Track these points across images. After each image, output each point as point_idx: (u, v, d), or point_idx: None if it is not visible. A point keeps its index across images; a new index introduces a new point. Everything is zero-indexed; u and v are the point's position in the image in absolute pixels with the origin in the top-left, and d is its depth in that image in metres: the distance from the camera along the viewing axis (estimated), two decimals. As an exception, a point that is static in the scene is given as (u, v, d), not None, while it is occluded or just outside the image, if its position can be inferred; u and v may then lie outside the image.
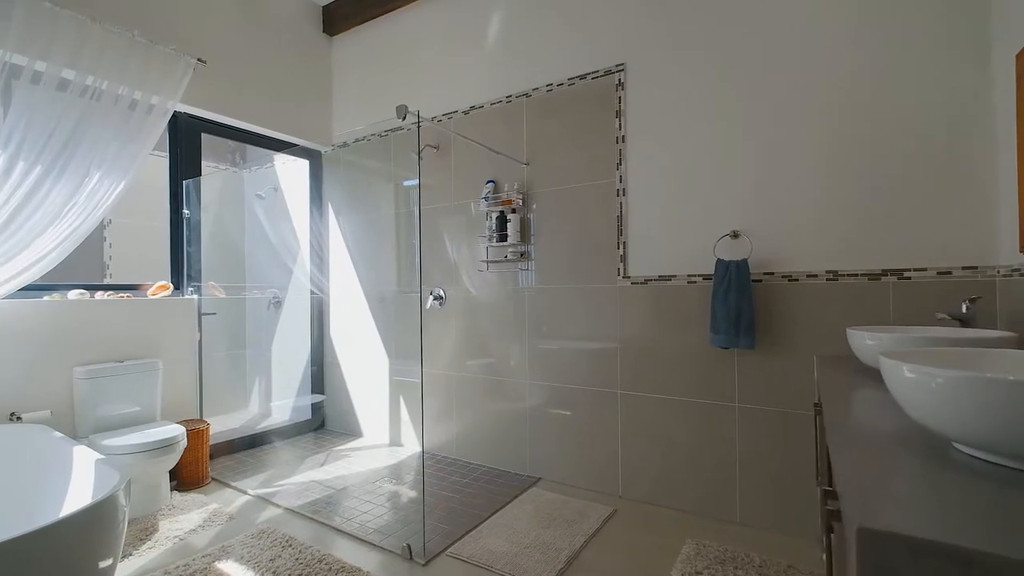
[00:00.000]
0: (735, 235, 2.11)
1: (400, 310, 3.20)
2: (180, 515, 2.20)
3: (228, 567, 1.78)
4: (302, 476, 2.68)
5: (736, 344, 2.01)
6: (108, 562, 1.36)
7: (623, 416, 2.39)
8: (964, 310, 1.57)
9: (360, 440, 3.33)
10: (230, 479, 2.64)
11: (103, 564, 1.33)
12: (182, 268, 2.85)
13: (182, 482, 2.52)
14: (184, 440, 2.28)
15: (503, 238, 2.65)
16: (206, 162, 3.06)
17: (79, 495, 1.61)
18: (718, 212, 2.16)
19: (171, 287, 2.75)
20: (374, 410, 3.34)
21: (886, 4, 1.83)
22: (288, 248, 3.61)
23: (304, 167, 3.56)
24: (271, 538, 1.98)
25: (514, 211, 2.64)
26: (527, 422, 2.69)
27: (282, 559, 1.83)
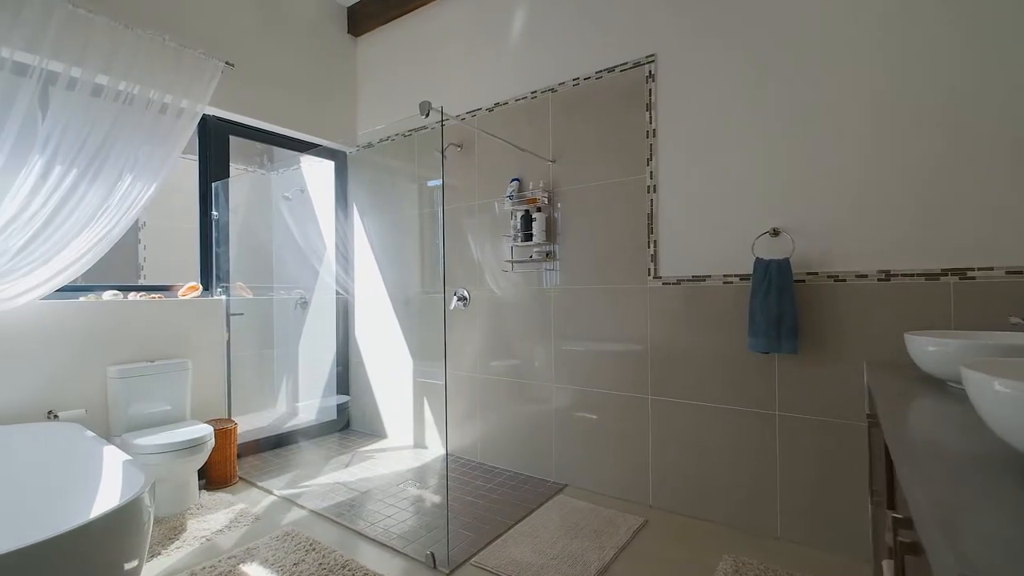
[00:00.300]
0: (775, 233, 1.99)
1: (424, 310, 3.17)
2: (208, 515, 2.21)
3: (252, 570, 1.77)
4: (327, 477, 2.68)
5: (777, 349, 1.89)
6: (134, 563, 1.35)
7: (653, 422, 2.29)
8: (1040, 314, 1.42)
9: (384, 441, 3.31)
10: (257, 479, 2.65)
11: (128, 566, 1.33)
12: (211, 269, 2.89)
13: (210, 481, 2.54)
14: (212, 440, 2.30)
15: (528, 237, 2.58)
16: (234, 164, 3.10)
17: (105, 496, 1.62)
18: (756, 209, 2.04)
19: (200, 288, 2.79)
20: (398, 411, 3.32)
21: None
22: (314, 249, 3.64)
23: (330, 168, 3.58)
24: (295, 541, 1.96)
25: (539, 210, 2.57)
26: (552, 426, 2.61)
27: (306, 563, 1.81)
